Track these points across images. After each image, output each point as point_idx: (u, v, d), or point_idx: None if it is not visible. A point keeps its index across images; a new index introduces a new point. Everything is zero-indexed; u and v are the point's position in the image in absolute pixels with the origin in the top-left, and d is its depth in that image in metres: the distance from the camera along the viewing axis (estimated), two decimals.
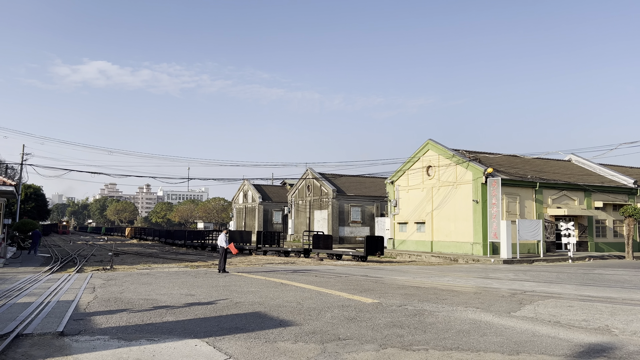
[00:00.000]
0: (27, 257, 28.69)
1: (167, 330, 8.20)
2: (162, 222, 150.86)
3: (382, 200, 53.55)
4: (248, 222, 70.31)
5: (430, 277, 18.46)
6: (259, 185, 71.41)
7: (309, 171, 56.62)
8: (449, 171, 34.22)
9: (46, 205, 76.68)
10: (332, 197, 53.36)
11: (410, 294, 12.81)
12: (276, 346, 7.11)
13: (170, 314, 9.66)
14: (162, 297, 12.01)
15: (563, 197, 34.58)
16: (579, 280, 17.22)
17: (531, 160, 38.57)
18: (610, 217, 36.64)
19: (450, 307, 10.60)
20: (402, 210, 38.45)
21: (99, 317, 9.34)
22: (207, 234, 45.35)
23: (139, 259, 29.65)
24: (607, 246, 35.93)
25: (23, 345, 7.07)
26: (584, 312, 10.06)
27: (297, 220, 60.29)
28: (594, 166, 41.34)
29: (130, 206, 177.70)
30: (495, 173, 31.42)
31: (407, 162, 38.19)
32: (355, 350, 6.90)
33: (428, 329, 8.30)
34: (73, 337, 7.64)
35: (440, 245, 34.37)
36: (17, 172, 49.28)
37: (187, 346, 7.11)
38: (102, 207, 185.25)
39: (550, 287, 14.76)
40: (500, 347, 7.09)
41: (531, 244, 31.87)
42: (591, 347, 7.10)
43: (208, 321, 8.99)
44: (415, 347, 7.06)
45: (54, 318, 9.10)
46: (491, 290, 14.05)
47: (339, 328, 8.36)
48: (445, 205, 34.26)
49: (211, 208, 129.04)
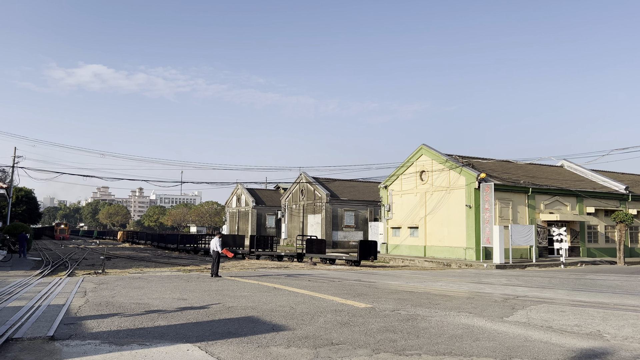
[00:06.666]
0: (17, 261, 28.43)
1: (158, 334, 8.14)
2: (154, 226, 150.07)
3: (375, 204, 53.59)
4: (241, 226, 70.10)
5: (423, 281, 18.47)
6: (253, 189, 71.25)
7: (302, 175, 56.60)
8: (442, 176, 34.32)
9: (37, 209, 76.07)
10: (326, 202, 53.34)
11: (404, 299, 12.80)
12: (269, 351, 7.08)
13: (162, 319, 9.59)
14: (154, 302, 11.93)
15: (555, 203, 34.76)
16: (571, 286, 17.30)
17: (524, 165, 38.78)
18: (602, 222, 36.87)
19: (443, 312, 10.61)
20: (395, 214, 38.49)
21: (90, 321, 9.25)
22: (200, 238, 45.19)
23: (131, 262, 29.46)
24: (599, 251, 36.14)
25: (12, 350, 6.99)
26: (576, 317, 10.10)
27: (290, 225, 60.18)
28: (586, 172, 41.62)
29: (123, 210, 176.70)
30: (488, 178, 31.54)
31: (401, 167, 38.26)
32: (348, 355, 6.88)
33: (421, 334, 8.30)
34: (64, 341, 7.56)
35: (434, 250, 34.42)
36: (9, 175, 48.88)
37: (179, 351, 7.06)
38: (94, 210, 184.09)
39: (542, 292, 14.81)
40: (493, 352, 7.10)
41: (524, 249, 31.99)
42: (583, 353, 7.12)
43: (200, 326, 8.93)
44: (408, 352, 7.05)
45: (44, 322, 9.01)
46: (484, 295, 14.07)
47: (332, 333, 8.34)
48: (438, 210, 34.34)
49: (204, 212, 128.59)
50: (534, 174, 37.02)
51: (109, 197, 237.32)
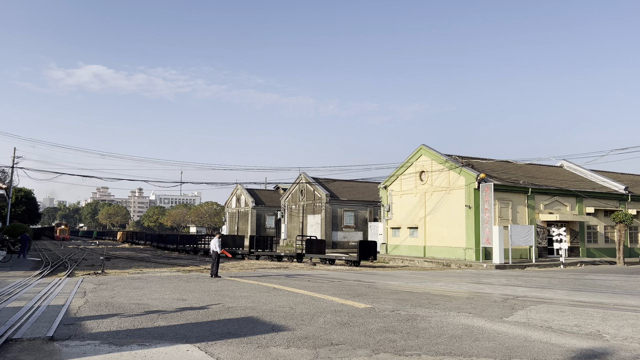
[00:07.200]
0: (17, 261, 28.41)
1: (158, 335, 8.14)
2: (154, 227, 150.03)
3: (375, 205, 53.59)
4: (241, 227, 70.09)
5: (423, 282, 18.47)
6: (252, 189, 71.27)
7: (302, 176, 56.59)
8: (442, 176, 34.33)
9: (37, 209, 76.05)
10: (326, 202, 53.34)
11: (403, 299, 12.80)
12: (268, 351, 7.08)
13: (161, 319, 9.59)
14: (153, 302, 11.93)
15: (555, 203, 34.78)
16: (571, 286, 17.31)
17: (523, 165, 38.79)
18: (601, 222, 36.89)
19: (442, 312, 10.61)
20: (395, 215, 38.50)
21: (89, 321, 9.25)
22: (200, 238, 45.16)
23: (131, 263, 29.46)
24: (599, 252, 36.15)
25: (12, 350, 6.99)
26: (576, 318, 10.10)
27: (290, 225, 60.17)
28: (585, 172, 41.65)
29: (122, 210, 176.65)
30: (488, 178, 31.56)
31: (401, 167, 38.27)
32: (348, 355, 6.88)
33: (421, 334, 8.30)
34: (63, 342, 7.56)
35: (433, 250, 34.43)
36: (8, 175, 48.88)
37: (178, 351, 7.06)
38: (94, 211, 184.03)
39: (542, 293, 14.82)
40: (493, 352, 7.10)
41: (523, 250, 32.00)
42: (583, 353, 7.13)
43: (200, 326, 8.93)
44: (407, 352, 7.05)
45: (44, 323, 9.01)
46: (484, 295, 14.08)
47: (331, 333, 8.34)
48: (438, 210, 34.35)
49: (204, 212, 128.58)
50: (533, 174, 37.04)
51: (109, 198, 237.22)
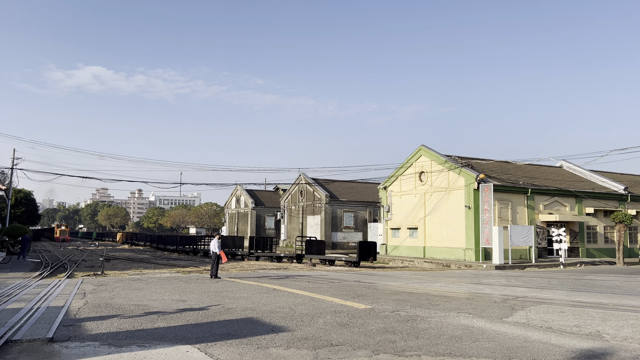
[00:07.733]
0: (16, 263, 28.39)
1: (158, 336, 8.13)
2: (154, 228, 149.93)
3: (375, 205, 53.59)
4: (240, 228, 70.06)
5: (422, 282, 18.47)
6: (252, 190, 71.24)
7: (302, 176, 56.58)
8: (442, 177, 34.33)
9: (37, 210, 76.02)
10: (325, 203, 53.33)
11: (403, 300, 12.80)
12: (268, 352, 7.07)
13: (161, 320, 9.58)
14: (153, 303, 11.92)
15: (554, 203, 34.78)
16: (571, 286, 17.31)
17: (523, 166, 38.80)
18: (601, 223, 36.89)
19: (442, 313, 10.61)
20: (394, 215, 38.49)
21: (89, 323, 9.24)
22: (199, 239, 45.17)
23: (130, 264, 29.44)
24: (598, 252, 36.16)
25: (12, 352, 6.98)
26: (576, 318, 10.10)
27: (289, 226, 60.15)
28: (585, 172, 41.66)
29: (122, 211, 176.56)
30: (488, 179, 31.56)
31: (400, 168, 38.27)
32: (348, 356, 6.88)
33: (420, 335, 8.30)
34: (63, 343, 7.55)
35: (433, 250, 34.43)
36: (8, 177, 48.84)
37: (178, 352, 7.06)
38: (94, 212, 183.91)
39: (542, 293, 14.82)
40: (493, 352, 7.10)
41: (523, 250, 32.00)
42: (583, 353, 7.12)
43: (200, 327, 8.93)
44: (407, 353, 7.05)
45: (43, 324, 9.00)
46: (483, 296, 14.07)
47: (331, 334, 8.34)
48: (437, 211, 34.35)
49: (203, 213, 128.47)
50: (533, 175, 37.04)
51: (108, 199, 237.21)
